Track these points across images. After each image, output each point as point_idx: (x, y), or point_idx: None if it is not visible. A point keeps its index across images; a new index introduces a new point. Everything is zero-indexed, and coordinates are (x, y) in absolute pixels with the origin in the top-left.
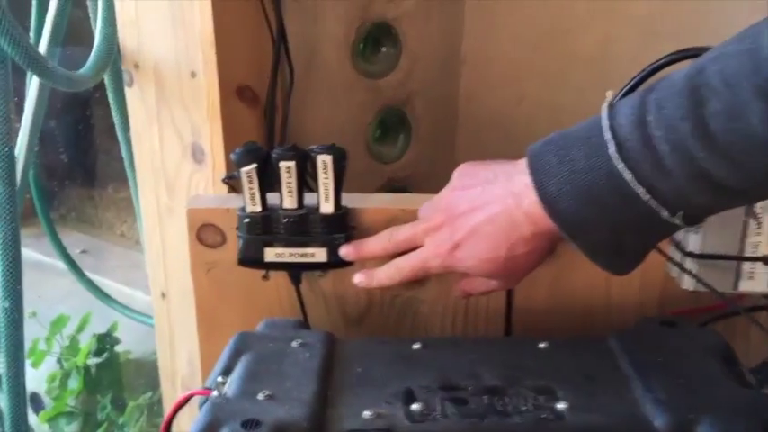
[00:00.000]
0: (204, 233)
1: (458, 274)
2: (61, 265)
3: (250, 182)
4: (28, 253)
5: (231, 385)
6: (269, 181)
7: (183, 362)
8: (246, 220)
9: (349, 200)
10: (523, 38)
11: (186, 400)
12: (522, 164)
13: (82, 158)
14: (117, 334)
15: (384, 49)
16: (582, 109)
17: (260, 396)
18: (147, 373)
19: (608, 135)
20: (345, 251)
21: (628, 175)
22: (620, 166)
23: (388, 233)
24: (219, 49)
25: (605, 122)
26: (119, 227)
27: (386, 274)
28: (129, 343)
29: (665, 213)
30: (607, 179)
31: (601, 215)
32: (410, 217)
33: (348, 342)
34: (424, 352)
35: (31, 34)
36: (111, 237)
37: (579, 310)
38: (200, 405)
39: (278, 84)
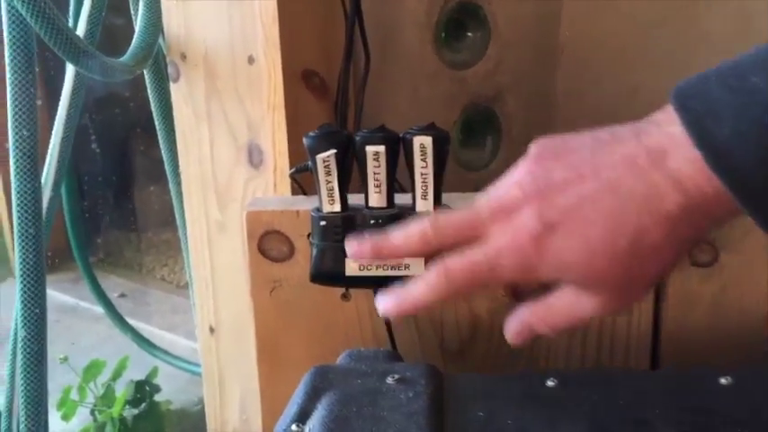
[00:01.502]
0: (267, 243)
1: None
2: (98, 309)
3: (328, 173)
4: (63, 297)
5: None
6: (350, 175)
7: (234, 410)
8: (322, 222)
9: (447, 200)
10: (637, 15)
11: None
12: (662, 114)
13: (122, 201)
14: (157, 381)
15: (470, 35)
16: None
17: None
18: (193, 425)
19: None
20: (356, 249)
21: None
22: None
23: (430, 219)
24: (283, 26)
25: None
26: (159, 270)
27: (427, 285)
28: (171, 393)
29: None
30: None
31: None
32: None
33: (458, 378)
34: (563, 390)
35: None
36: (151, 281)
37: (748, 335)
38: None
39: (350, 70)
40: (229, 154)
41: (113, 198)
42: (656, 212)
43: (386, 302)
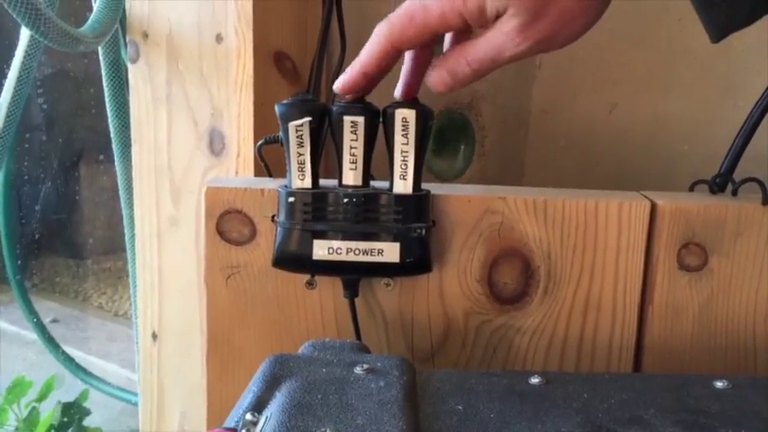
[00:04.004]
0: (227, 224)
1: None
2: (27, 335)
3: (300, 143)
4: None
5: (270, 422)
6: (322, 150)
7: (173, 425)
8: (291, 199)
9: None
10: (617, 31)
11: None
12: None
13: (62, 227)
14: (88, 408)
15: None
16: (689, 115)
17: None
18: None
19: None
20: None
21: None
22: None
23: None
24: (257, 3)
25: None
26: (96, 298)
27: (369, 42)
28: (102, 423)
29: None
30: None
31: None
32: (512, 209)
33: (433, 372)
34: (549, 388)
35: None
36: (86, 308)
37: (735, 345)
38: None
39: (324, 59)
40: (188, 140)
41: (53, 223)
42: None
43: (339, 80)
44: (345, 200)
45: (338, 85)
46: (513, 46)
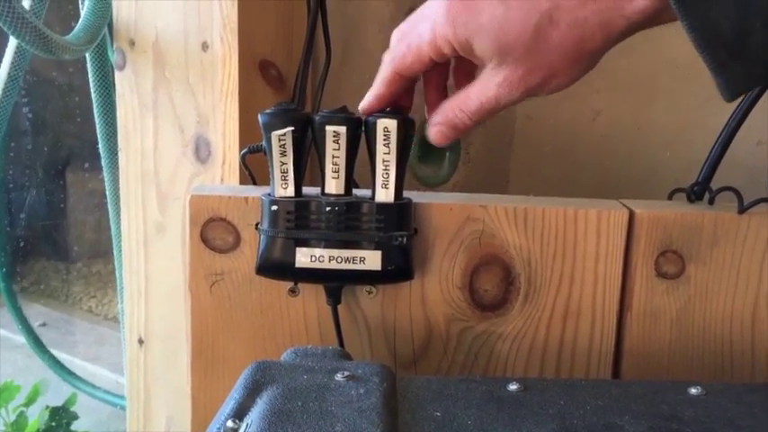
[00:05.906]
0: (212, 231)
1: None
2: (16, 338)
3: (283, 153)
4: None
5: (250, 429)
6: (306, 160)
7: (159, 430)
8: (274, 207)
9: (409, 197)
10: None
11: None
12: None
13: (51, 230)
14: (76, 413)
15: None
16: (673, 122)
17: None
18: None
19: None
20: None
21: None
22: None
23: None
24: (243, 12)
25: None
26: (86, 302)
27: (379, 71)
28: (90, 427)
29: None
30: None
31: None
32: (493, 217)
33: (413, 379)
34: (526, 395)
35: None
36: (76, 311)
37: (713, 350)
38: None
39: (310, 66)
40: (174, 147)
41: (42, 227)
42: None
43: (361, 103)
44: (328, 208)
45: (360, 107)
46: (507, 94)
